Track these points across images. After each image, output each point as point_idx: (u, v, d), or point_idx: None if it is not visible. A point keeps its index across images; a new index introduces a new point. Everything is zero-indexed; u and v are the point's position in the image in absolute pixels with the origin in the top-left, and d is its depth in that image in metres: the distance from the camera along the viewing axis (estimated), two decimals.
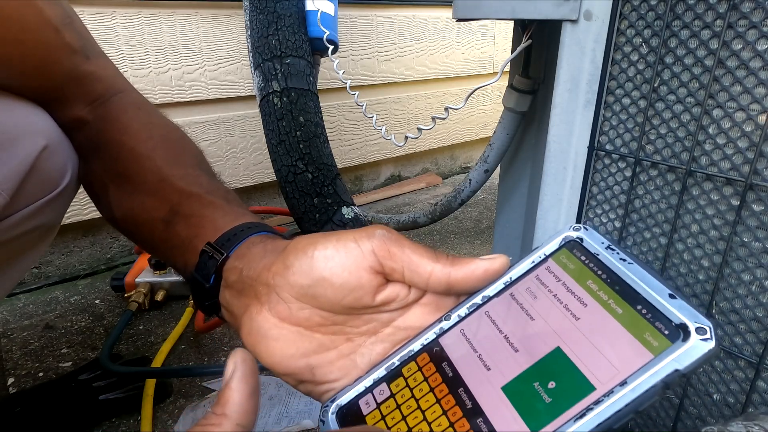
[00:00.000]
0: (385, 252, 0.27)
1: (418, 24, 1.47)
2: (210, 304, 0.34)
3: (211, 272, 0.33)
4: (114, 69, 0.45)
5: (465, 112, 1.71)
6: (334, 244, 0.27)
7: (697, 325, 0.20)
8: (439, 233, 1.26)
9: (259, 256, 0.31)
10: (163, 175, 0.39)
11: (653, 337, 0.21)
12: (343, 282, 0.27)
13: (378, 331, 0.29)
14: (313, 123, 0.89)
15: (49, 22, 0.37)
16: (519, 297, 0.26)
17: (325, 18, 0.91)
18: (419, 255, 0.27)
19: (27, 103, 0.38)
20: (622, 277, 0.24)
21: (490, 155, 0.77)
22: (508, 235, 0.76)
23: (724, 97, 0.37)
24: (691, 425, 0.44)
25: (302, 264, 0.27)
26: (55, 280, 1.04)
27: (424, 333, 0.28)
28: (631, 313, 0.22)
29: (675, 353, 0.20)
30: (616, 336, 0.22)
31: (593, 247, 0.26)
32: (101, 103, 0.42)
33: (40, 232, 0.42)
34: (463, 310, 0.27)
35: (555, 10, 0.43)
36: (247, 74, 1.16)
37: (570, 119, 0.46)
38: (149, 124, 0.43)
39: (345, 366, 0.29)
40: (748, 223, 0.37)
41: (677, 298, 0.21)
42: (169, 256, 0.39)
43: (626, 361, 0.21)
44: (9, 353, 0.80)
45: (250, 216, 0.37)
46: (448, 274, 0.27)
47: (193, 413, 0.67)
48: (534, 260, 0.27)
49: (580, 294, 0.24)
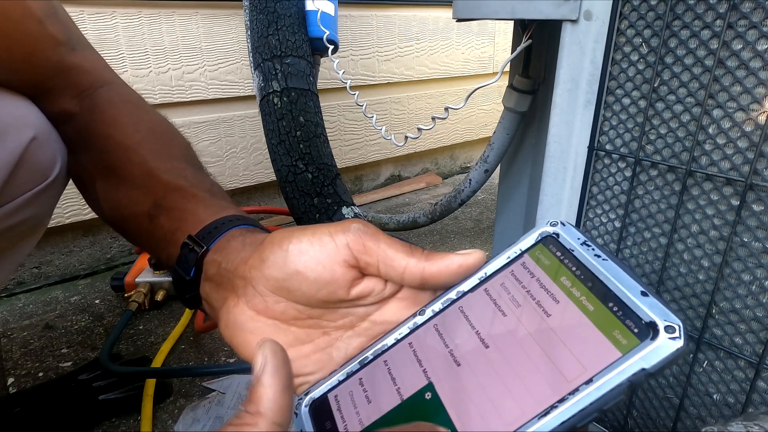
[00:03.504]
0: (360, 246, 0.27)
1: (418, 24, 1.47)
2: (191, 296, 0.34)
3: (191, 265, 0.33)
4: (101, 61, 0.45)
5: (465, 112, 1.71)
6: (309, 238, 0.27)
7: (666, 324, 0.20)
8: (439, 233, 1.26)
9: (238, 249, 0.31)
10: (149, 168, 0.39)
11: (622, 335, 0.21)
12: (316, 276, 0.27)
13: (354, 325, 0.29)
14: (313, 123, 0.89)
15: (32, 14, 0.37)
16: (493, 293, 0.26)
17: (325, 18, 0.91)
18: (394, 249, 0.27)
19: (14, 95, 0.38)
20: (595, 274, 0.23)
21: (490, 155, 0.77)
22: (508, 235, 0.76)
23: (724, 97, 0.37)
24: (691, 425, 0.44)
25: (277, 257, 0.27)
26: (55, 280, 1.04)
27: (398, 328, 0.28)
28: (603, 310, 0.22)
29: (642, 352, 0.20)
30: (586, 333, 0.22)
31: (569, 243, 0.25)
32: (88, 95, 0.42)
33: (30, 225, 0.42)
34: (438, 306, 0.27)
35: (555, 10, 0.43)
36: (247, 74, 1.16)
37: (570, 119, 0.46)
38: (136, 116, 0.43)
39: (321, 359, 0.29)
40: (748, 223, 0.37)
41: (649, 296, 0.21)
42: (153, 249, 0.39)
43: (594, 360, 0.21)
44: (9, 353, 0.80)
45: (233, 209, 0.37)
46: (423, 269, 0.27)
47: (193, 413, 0.67)
48: (509, 255, 0.27)
49: (553, 290, 0.24)
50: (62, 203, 0.99)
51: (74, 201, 1.00)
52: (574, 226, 0.26)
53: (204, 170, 0.43)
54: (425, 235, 1.25)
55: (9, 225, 0.39)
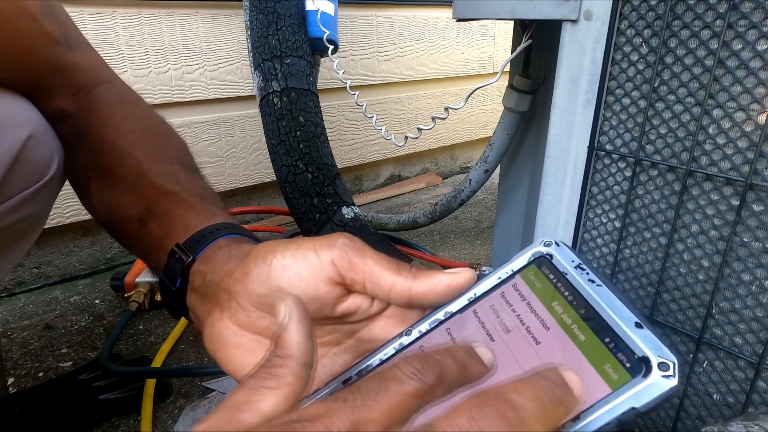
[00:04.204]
0: (346, 263, 0.26)
1: (418, 24, 1.47)
2: (177, 306, 0.34)
3: (177, 275, 0.33)
4: (98, 59, 0.45)
5: (465, 112, 1.71)
6: (293, 253, 0.26)
7: (660, 360, 0.19)
8: (439, 233, 1.26)
9: (223, 260, 0.30)
10: (142, 171, 0.38)
11: (613, 369, 0.20)
12: (300, 293, 0.26)
13: (341, 342, 0.28)
14: (313, 123, 0.89)
15: (27, 11, 0.37)
16: (482, 315, 0.25)
17: (325, 18, 0.91)
18: (380, 266, 0.26)
19: (10, 93, 0.38)
20: (588, 301, 0.22)
21: (490, 155, 0.77)
22: (508, 235, 0.76)
23: (724, 97, 0.37)
24: (691, 425, 0.44)
25: (260, 272, 0.26)
26: (55, 280, 1.04)
27: (384, 348, 0.27)
28: (594, 340, 0.21)
29: (633, 389, 0.19)
30: (575, 365, 0.21)
31: (562, 266, 0.24)
32: (85, 94, 0.42)
33: (28, 223, 0.41)
34: (425, 326, 0.26)
35: (555, 10, 0.43)
36: (247, 74, 1.16)
37: (570, 119, 0.46)
38: (131, 116, 0.43)
39: None
40: (748, 223, 0.37)
41: (643, 328, 0.20)
42: (143, 254, 0.39)
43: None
44: (9, 353, 0.80)
45: (222, 216, 0.36)
46: (410, 288, 0.26)
47: (193, 413, 0.67)
48: (501, 276, 0.26)
49: (544, 316, 0.23)
50: (62, 203, 0.99)
51: (74, 201, 1.00)
52: (569, 247, 0.25)
53: (198, 172, 0.42)
54: (425, 235, 1.25)
55: (6, 224, 0.39)
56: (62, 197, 0.97)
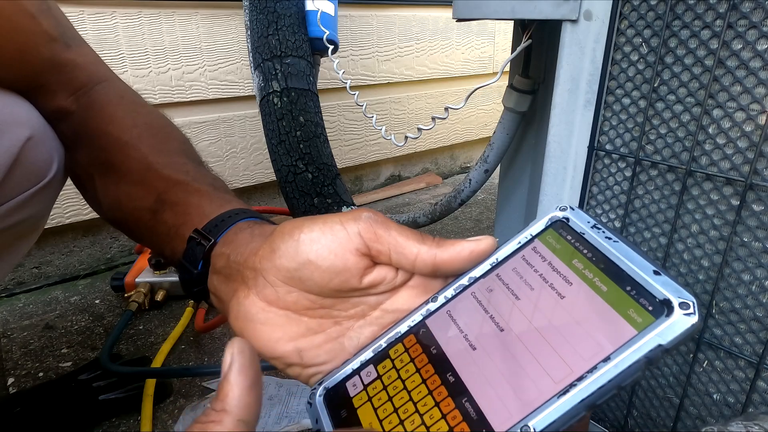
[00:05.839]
0: (372, 234, 0.27)
1: (418, 24, 1.47)
2: (198, 290, 0.34)
3: (198, 258, 0.33)
4: (96, 57, 0.45)
5: (465, 112, 1.71)
6: (320, 227, 0.27)
7: (680, 300, 0.20)
8: (439, 233, 1.26)
9: (246, 241, 0.31)
10: (149, 164, 0.39)
11: (637, 313, 0.21)
12: (329, 265, 0.27)
13: (366, 314, 0.29)
14: (313, 123, 0.89)
15: (24, 9, 0.37)
16: (505, 277, 0.26)
17: (325, 18, 0.91)
18: (405, 237, 0.27)
19: (9, 94, 0.38)
20: (607, 255, 0.24)
21: (490, 155, 0.77)
22: (508, 235, 0.76)
23: (724, 97, 0.37)
24: (691, 425, 0.44)
25: (288, 247, 0.27)
26: (55, 280, 1.04)
27: (411, 315, 0.28)
28: (616, 290, 0.22)
29: (658, 328, 0.20)
30: (601, 313, 0.22)
31: (579, 227, 0.26)
32: (85, 93, 0.42)
33: (27, 225, 0.41)
34: (450, 292, 0.28)
35: (555, 10, 0.43)
36: (247, 74, 1.16)
37: (570, 119, 0.46)
38: (133, 112, 0.43)
39: (333, 349, 0.29)
40: (748, 223, 0.37)
41: (662, 275, 0.22)
42: (156, 244, 0.39)
43: (610, 338, 0.21)
44: (9, 353, 0.80)
45: (237, 202, 0.37)
46: (434, 256, 0.27)
47: (193, 413, 0.67)
48: (520, 241, 0.27)
49: (566, 273, 0.24)
50: (62, 203, 0.99)
51: (74, 201, 1.00)
52: (584, 210, 0.26)
53: (204, 165, 0.43)
54: None
55: (6, 226, 0.38)
56: (62, 197, 0.97)
